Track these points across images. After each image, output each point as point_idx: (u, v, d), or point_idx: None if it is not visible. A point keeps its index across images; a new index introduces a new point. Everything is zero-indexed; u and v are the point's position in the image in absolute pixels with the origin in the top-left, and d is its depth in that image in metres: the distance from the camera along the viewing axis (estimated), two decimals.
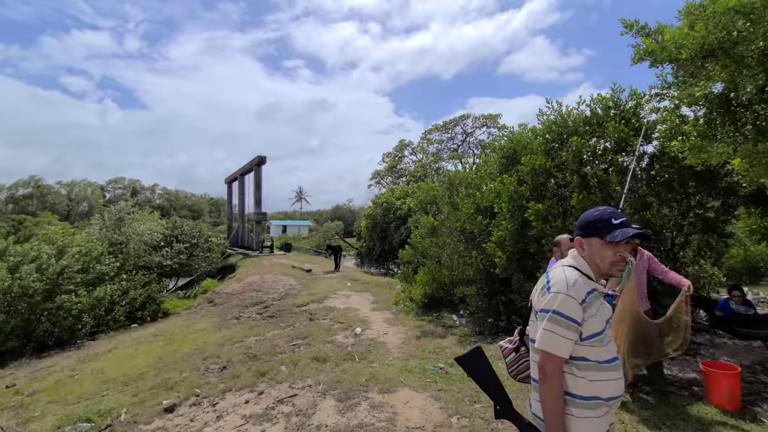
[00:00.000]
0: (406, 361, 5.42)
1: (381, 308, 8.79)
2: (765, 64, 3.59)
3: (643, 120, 5.91)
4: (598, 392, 1.38)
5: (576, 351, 1.40)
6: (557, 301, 1.39)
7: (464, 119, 25.52)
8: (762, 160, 3.19)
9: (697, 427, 3.39)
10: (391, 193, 16.89)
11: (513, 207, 6.10)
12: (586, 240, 1.47)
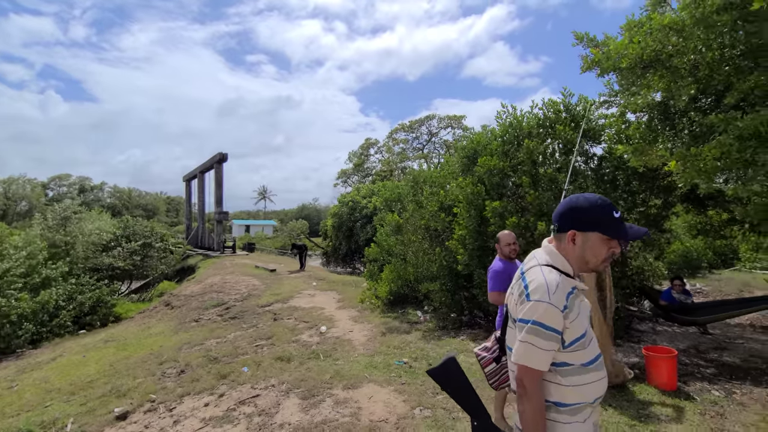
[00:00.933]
0: (371, 358, 5.48)
1: (346, 306, 8.80)
2: (695, 75, 3.96)
3: (588, 123, 6.29)
4: (583, 397, 1.30)
5: (558, 357, 1.28)
6: (538, 311, 1.25)
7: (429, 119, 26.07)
8: (694, 162, 3.51)
9: (638, 407, 3.68)
10: (357, 192, 16.89)
11: (471, 206, 6.32)
12: (583, 234, 1.29)
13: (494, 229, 6.21)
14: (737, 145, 3.20)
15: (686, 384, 4.16)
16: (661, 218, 6.86)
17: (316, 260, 21.77)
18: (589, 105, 6.42)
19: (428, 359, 5.22)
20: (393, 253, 8.92)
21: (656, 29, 3.66)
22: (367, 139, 27.38)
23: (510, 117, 7.08)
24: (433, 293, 6.99)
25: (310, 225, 33.47)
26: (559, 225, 1.34)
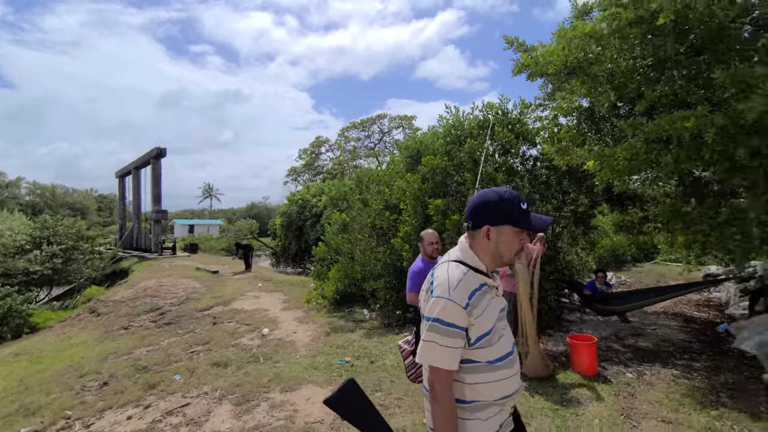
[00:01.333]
0: (313, 358, 5.38)
1: (292, 307, 8.58)
2: (612, 83, 4.29)
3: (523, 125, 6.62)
4: (487, 395, 1.26)
5: (463, 354, 1.25)
6: (438, 307, 1.22)
7: (381, 119, 26.21)
8: (609, 162, 3.80)
9: (562, 391, 3.93)
10: (307, 191, 16.56)
11: (416, 203, 6.41)
12: (496, 228, 1.27)
13: (437, 227, 6.35)
14: (645, 147, 3.50)
15: (605, 368, 4.50)
16: (588, 216, 7.40)
17: (266, 261, 21.08)
18: (525, 108, 6.77)
19: (370, 357, 5.22)
20: (341, 252, 8.83)
21: (578, 37, 3.92)
22: (318, 137, 27.00)
23: (452, 118, 7.28)
24: (379, 291, 7.01)
25: (260, 224, 32.31)
26: (473, 222, 1.31)
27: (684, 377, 4.17)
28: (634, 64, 4.08)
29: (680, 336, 5.72)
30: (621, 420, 3.35)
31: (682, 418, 3.33)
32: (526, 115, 6.89)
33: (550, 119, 6.43)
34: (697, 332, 5.91)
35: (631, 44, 3.92)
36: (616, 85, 4.19)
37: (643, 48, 3.92)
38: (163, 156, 20.03)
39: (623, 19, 3.77)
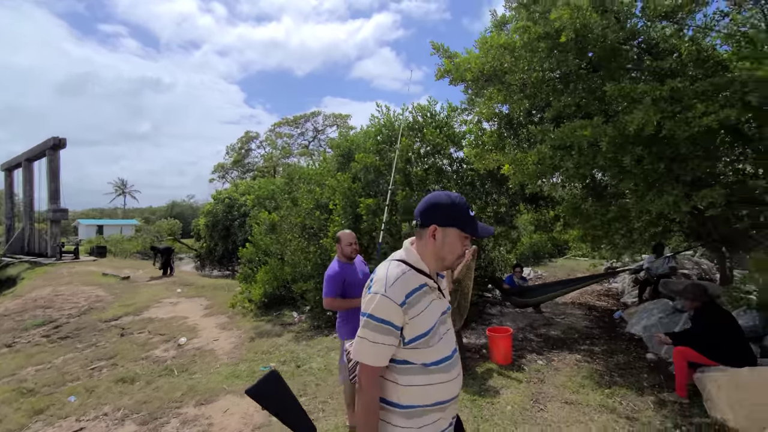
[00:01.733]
0: (234, 366, 5.07)
1: (215, 313, 8.03)
2: (525, 92, 4.63)
3: (451, 128, 6.90)
4: (421, 399, 1.23)
5: (398, 354, 1.23)
6: (373, 303, 1.21)
7: (315, 116, 25.70)
8: (521, 166, 4.08)
9: (481, 381, 4.13)
10: (236, 189, 15.66)
11: (346, 203, 6.36)
12: (443, 229, 1.27)
13: (367, 226, 6.36)
14: (550, 153, 3.82)
15: (520, 357, 4.83)
16: (509, 216, 7.93)
17: (189, 264, 19.56)
18: (451, 111, 7.05)
19: (297, 361, 5.05)
20: (269, 253, 8.48)
21: (494, 47, 4.16)
22: (247, 132, 25.62)
23: (384, 118, 7.35)
24: (309, 293, 6.83)
25: (184, 224, 29.90)
26: (422, 220, 1.30)
27: (585, 361, 4.62)
28: (543, 76, 4.44)
29: (584, 323, 6.36)
30: (531, 404, 3.61)
31: (582, 398, 3.68)
32: (453, 118, 7.18)
33: (474, 123, 6.79)
34: (597, 319, 6.60)
35: (540, 57, 4.25)
36: (528, 94, 4.53)
37: (550, 62, 4.28)
38: (63, 147, 17.60)
39: (533, 33, 4.09)
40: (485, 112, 5.13)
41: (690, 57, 4.03)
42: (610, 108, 4.36)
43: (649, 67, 4.21)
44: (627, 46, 4.41)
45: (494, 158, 4.36)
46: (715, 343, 3.35)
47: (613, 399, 3.63)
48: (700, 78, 3.71)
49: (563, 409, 3.49)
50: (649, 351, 4.68)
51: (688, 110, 3.37)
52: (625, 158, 3.62)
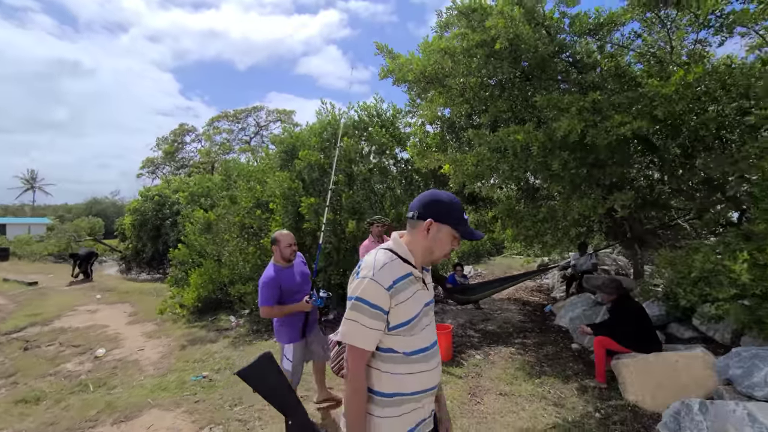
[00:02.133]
0: (162, 378, 4.67)
1: (141, 320, 7.37)
2: (465, 96, 4.79)
3: (397, 129, 6.97)
4: (401, 387, 1.26)
5: (383, 342, 1.26)
6: (361, 287, 1.24)
7: (257, 110, 24.56)
8: (460, 167, 4.21)
9: None
10: (167, 185, 14.51)
11: (287, 202, 6.15)
12: (438, 225, 1.31)
13: (310, 226, 6.21)
14: (488, 155, 3.99)
15: (460, 353, 4.98)
16: None
17: (112, 267, 17.80)
18: (396, 113, 7.11)
19: (233, 368, 4.77)
20: (204, 254, 7.96)
21: (436, 51, 4.25)
22: (182, 125, 23.74)
23: (329, 115, 7.23)
24: (248, 295, 6.52)
25: (106, 223, 27.14)
26: (419, 213, 1.32)
27: (518, 353, 4.88)
28: (481, 81, 4.63)
29: (518, 318, 6.73)
30: (468, 398, 3.73)
31: (515, 389, 3.88)
32: (398, 119, 7.25)
33: (418, 125, 6.92)
34: (530, 313, 7.03)
35: (478, 64, 4.43)
36: (467, 98, 4.69)
37: (487, 68, 4.47)
38: None
39: (471, 40, 4.24)
40: (428, 114, 5.23)
41: (609, 72, 4.42)
42: (541, 115, 4.66)
43: (575, 79, 4.56)
44: (556, 59, 4.74)
45: (436, 158, 4.46)
46: (629, 332, 3.69)
47: (542, 388, 3.86)
48: (617, 92, 4.08)
49: (498, 401, 3.65)
50: (574, 341, 5.07)
51: (606, 120, 3.69)
52: (554, 162, 3.88)
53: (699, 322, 4.05)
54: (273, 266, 2.97)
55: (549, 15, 4.51)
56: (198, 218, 7.83)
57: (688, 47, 4.19)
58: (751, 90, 3.54)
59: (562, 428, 3.12)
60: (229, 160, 9.50)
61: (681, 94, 3.45)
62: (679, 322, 4.36)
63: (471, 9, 4.38)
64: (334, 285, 6.16)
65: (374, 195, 6.80)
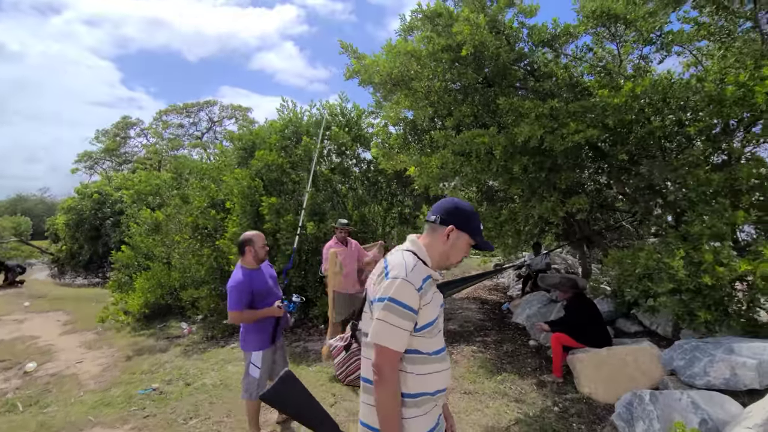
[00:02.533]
0: (105, 393, 4.29)
1: (78, 330, 6.74)
2: (430, 99, 4.84)
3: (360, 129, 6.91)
4: (426, 387, 1.29)
5: (410, 343, 1.26)
6: (394, 287, 1.23)
7: (210, 105, 23.24)
8: (425, 169, 4.24)
9: None
10: (108, 182, 13.39)
11: (245, 202, 5.89)
12: (458, 232, 1.36)
13: (270, 227, 5.98)
14: (452, 158, 4.05)
15: None
16: (413, 217, 8.26)
17: (42, 270, 16.15)
18: (359, 113, 7.05)
19: (187, 378, 4.48)
20: (152, 257, 7.43)
21: (402, 54, 4.25)
22: (125, 118, 21.87)
23: (290, 113, 7.02)
24: (201, 300, 6.16)
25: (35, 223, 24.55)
26: (442, 219, 1.36)
27: (480, 351, 5.01)
28: (446, 86, 4.70)
29: (478, 316, 6.92)
30: None
31: (478, 387, 3.97)
32: (361, 120, 7.20)
33: (381, 127, 6.90)
34: (489, 312, 7.26)
35: (443, 68, 4.48)
36: (432, 102, 4.74)
37: (452, 73, 4.54)
38: None
39: (436, 44, 4.29)
40: (392, 115, 5.23)
41: (564, 82, 4.66)
42: (501, 120, 4.81)
43: (532, 87, 4.76)
44: (516, 67, 4.92)
45: (401, 159, 4.46)
46: (584, 328, 3.91)
47: (504, 385, 3.98)
48: (571, 100, 4.30)
49: (463, 400, 3.71)
50: (532, 338, 5.29)
51: (563, 127, 3.88)
52: (515, 166, 4.01)
53: (643, 317, 4.37)
54: (242, 269, 2.82)
55: (509, 24, 4.67)
56: (145, 218, 7.29)
57: (633, 62, 4.51)
58: (688, 104, 3.87)
59: (525, 423, 3.23)
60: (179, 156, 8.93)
61: (630, 105, 3.70)
62: (626, 318, 4.70)
63: (436, 13, 4.42)
64: (295, 288, 5.98)
65: (337, 196, 6.69)
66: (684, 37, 4.32)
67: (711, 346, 2.83)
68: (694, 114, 3.91)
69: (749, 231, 4.12)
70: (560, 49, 4.81)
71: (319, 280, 6.13)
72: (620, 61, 4.49)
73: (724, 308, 3.01)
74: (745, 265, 2.60)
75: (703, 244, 3.15)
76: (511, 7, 4.54)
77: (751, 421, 2.14)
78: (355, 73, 4.40)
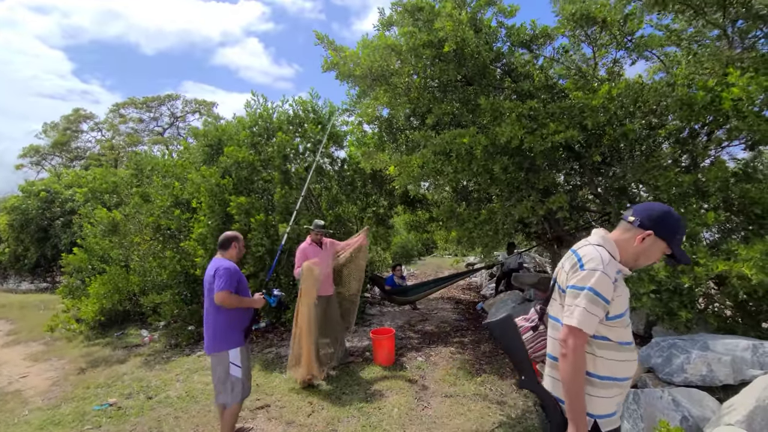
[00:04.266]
0: (54, 410, 3.88)
1: (23, 340, 6.14)
2: (409, 95, 4.74)
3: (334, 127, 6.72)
4: (615, 372, 1.39)
5: (599, 330, 1.38)
6: (593, 278, 1.34)
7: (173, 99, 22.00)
8: (405, 168, 4.14)
9: (366, 387, 4.03)
10: (57, 179, 12.39)
11: (214, 201, 5.56)
12: (655, 239, 1.39)
13: (239, 228, 5.67)
14: (433, 157, 3.97)
15: (401, 356, 4.92)
16: (387, 216, 8.16)
17: None
18: (333, 110, 6.86)
19: (148, 391, 4.14)
20: (109, 260, 6.89)
21: (382, 47, 4.13)
22: (77, 110, 20.28)
23: (260, 108, 6.72)
24: (164, 305, 5.75)
25: None
26: (642, 222, 1.40)
27: (458, 353, 4.97)
28: (426, 83, 4.62)
29: (453, 316, 6.92)
30: (416, 404, 3.66)
31: (459, 390, 3.90)
32: (335, 117, 7.00)
33: (356, 125, 6.75)
34: (464, 311, 7.28)
35: (424, 64, 4.40)
36: (411, 98, 4.65)
37: (433, 69, 4.47)
38: None
39: (417, 39, 4.19)
40: (369, 112, 5.09)
41: (540, 83, 4.70)
42: (480, 120, 4.79)
43: (510, 87, 4.77)
44: (493, 67, 4.92)
45: (381, 159, 4.34)
46: None
47: (484, 387, 3.94)
48: (548, 101, 4.34)
49: (444, 404, 3.63)
50: None
51: (543, 128, 3.89)
52: (495, 166, 3.98)
53: None
54: (227, 261, 2.94)
55: (487, 23, 4.66)
56: (100, 218, 6.74)
57: (607, 65, 4.62)
58: (659, 107, 3.99)
59: (508, 426, 3.19)
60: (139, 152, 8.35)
61: (606, 107, 3.76)
62: None
63: (417, 7, 4.33)
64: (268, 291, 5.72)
65: (311, 195, 6.47)
66: (656, 42, 4.47)
67: (687, 344, 2.89)
68: (664, 118, 4.04)
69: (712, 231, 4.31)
70: (538, 50, 4.85)
71: (293, 283, 5.90)
72: (595, 63, 4.58)
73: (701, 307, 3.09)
74: (721, 266, 2.67)
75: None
76: (491, 6, 4.53)
77: (732, 417, 2.17)
78: (332, 65, 4.23)
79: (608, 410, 1.41)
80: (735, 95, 2.95)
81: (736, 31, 3.81)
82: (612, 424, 1.42)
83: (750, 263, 2.49)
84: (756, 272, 2.44)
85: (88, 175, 9.80)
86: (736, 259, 2.66)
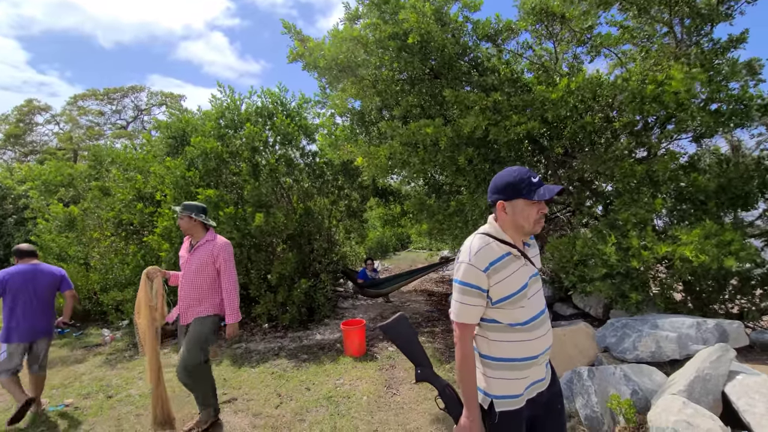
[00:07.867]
0: (6, 413, 3.67)
1: None
2: (377, 88, 4.75)
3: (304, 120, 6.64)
4: (508, 353, 1.41)
5: (487, 314, 1.42)
6: (460, 270, 1.40)
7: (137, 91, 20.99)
8: (373, 160, 4.15)
9: (336, 378, 4.04)
10: (9, 174, 11.65)
11: (179, 194, 5.40)
12: (510, 203, 1.42)
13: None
14: (400, 148, 4.00)
15: (373, 347, 4.95)
16: (360, 210, 8.14)
17: None
18: (304, 102, 6.78)
19: (109, 390, 4.00)
20: (66, 257, 6.56)
21: (348, 39, 4.11)
22: (30, 101, 18.98)
23: (227, 99, 6.55)
24: (127, 303, 5.55)
25: None
26: (491, 197, 1.47)
27: (428, 342, 5.05)
28: (393, 75, 4.64)
29: (425, 308, 7.01)
30: (384, 391, 3.70)
31: None
32: (305, 110, 6.92)
33: (328, 117, 6.69)
34: (436, 303, 7.39)
35: (390, 56, 4.42)
36: (379, 91, 4.66)
37: (399, 62, 4.50)
38: None
39: (383, 32, 4.20)
40: (339, 104, 5.07)
41: (505, 77, 4.81)
42: (447, 112, 4.86)
43: (476, 81, 4.86)
44: (460, 61, 5.00)
45: (349, 149, 4.33)
46: None
47: (453, 373, 4.03)
48: (513, 95, 4.46)
49: (413, 390, 3.69)
50: None
51: (506, 120, 3.99)
52: (460, 157, 4.07)
53: (578, 300, 4.67)
54: None
55: (454, 18, 4.72)
56: (56, 213, 6.40)
57: (568, 60, 4.79)
58: (615, 101, 4.17)
59: None
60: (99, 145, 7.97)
61: (565, 100, 3.90)
62: (562, 302, 4.99)
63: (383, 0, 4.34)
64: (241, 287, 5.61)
65: (281, 188, 6.39)
66: (612, 39, 4.66)
67: (638, 323, 3.06)
68: (621, 111, 4.23)
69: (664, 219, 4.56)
70: (502, 44, 4.96)
71: (263, 278, 5.82)
72: (557, 59, 4.73)
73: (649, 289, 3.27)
74: (665, 248, 2.84)
75: (629, 231, 3.40)
76: (456, 0, 4.59)
77: (675, 388, 2.32)
78: (298, 56, 4.18)
79: (508, 391, 1.40)
80: (674, 88, 3.12)
81: (684, 29, 4.03)
82: (509, 405, 1.40)
83: (690, 246, 2.65)
84: (695, 254, 2.61)
85: (41, 169, 9.30)
86: (679, 243, 2.84)
